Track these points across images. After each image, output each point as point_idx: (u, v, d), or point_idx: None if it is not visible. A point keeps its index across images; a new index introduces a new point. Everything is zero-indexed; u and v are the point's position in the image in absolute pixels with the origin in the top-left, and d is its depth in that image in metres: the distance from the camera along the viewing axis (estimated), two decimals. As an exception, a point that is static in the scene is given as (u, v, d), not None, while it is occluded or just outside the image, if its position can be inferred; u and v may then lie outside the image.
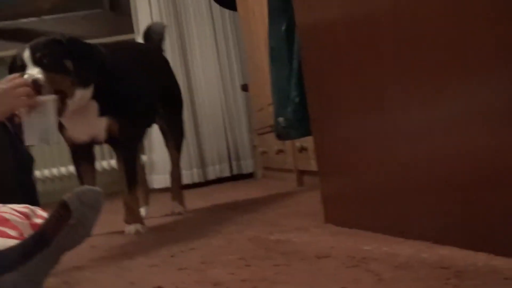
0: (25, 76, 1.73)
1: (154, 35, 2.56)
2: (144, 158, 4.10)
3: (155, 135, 3.87)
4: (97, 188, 1.19)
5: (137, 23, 4.12)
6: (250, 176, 4.11)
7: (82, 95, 1.86)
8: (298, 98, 1.70)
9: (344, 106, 1.40)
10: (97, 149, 2.21)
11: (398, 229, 1.19)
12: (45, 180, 4.26)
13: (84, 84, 1.87)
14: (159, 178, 4.09)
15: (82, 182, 2.04)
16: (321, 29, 1.48)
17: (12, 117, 2.99)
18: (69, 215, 1.12)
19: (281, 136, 1.85)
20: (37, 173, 4.02)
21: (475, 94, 0.93)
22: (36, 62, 1.79)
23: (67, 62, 1.83)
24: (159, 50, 2.54)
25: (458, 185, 1.00)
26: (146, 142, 4.18)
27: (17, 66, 1.82)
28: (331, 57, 1.43)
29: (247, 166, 4.18)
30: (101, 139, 2.02)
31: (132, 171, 2.01)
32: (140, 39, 2.72)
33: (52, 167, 4.25)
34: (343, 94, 1.39)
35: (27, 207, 1.67)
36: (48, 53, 1.81)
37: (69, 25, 4.40)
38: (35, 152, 1.97)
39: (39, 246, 1.10)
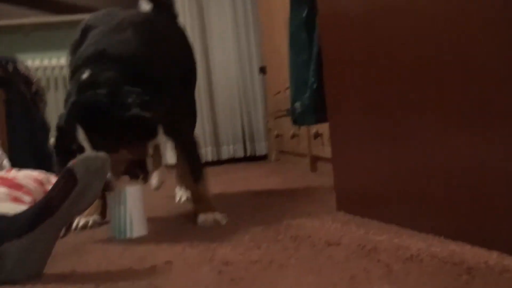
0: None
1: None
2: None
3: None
4: (102, 154, 1.18)
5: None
6: (263, 158, 4.12)
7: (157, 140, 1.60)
8: (315, 85, 1.69)
9: (361, 95, 1.39)
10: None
11: (410, 222, 1.19)
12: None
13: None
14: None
15: None
16: (341, 17, 1.46)
17: (29, 84, 3.02)
18: (75, 182, 1.12)
19: (296, 121, 1.84)
20: (52, 141, 4.05)
21: (491, 99, 0.92)
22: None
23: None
24: (171, 18, 2.10)
25: (471, 182, 0.99)
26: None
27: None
28: (349, 46, 1.42)
29: (261, 148, 4.19)
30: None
31: (195, 161, 1.77)
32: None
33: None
34: (360, 83, 1.38)
35: (42, 174, 1.69)
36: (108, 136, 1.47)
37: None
38: (51, 121, 1.88)
39: (44, 214, 1.11)
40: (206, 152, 4.08)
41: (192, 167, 1.76)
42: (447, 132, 1.06)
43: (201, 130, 4.06)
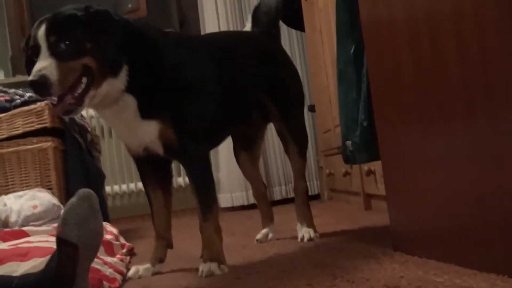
0: (33, 71, 1.41)
1: (262, 16, 2.07)
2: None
3: (223, 149, 3.91)
4: (83, 195, 1.11)
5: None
6: (316, 197, 4.08)
7: (108, 84, 1.49)
8: (366, 122, 1.68)
9: (411, 129, 1.36)
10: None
11: (470, 260, 1.15)
12: (114, 196, 4.38)
13: (110, 69, 1.49)
14: (226, 197, 4.12)
15: (150, 204, 1.74)
16: (388, 53, 1.46)
17: (84, 133, 3.10)
18: (76, 249, 1.07)
19: (348, 160, 1.82)
20: (107, 189, 4.14)
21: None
22: (51, 49, 1.44)
23: (87, 43, 1.45)
24: (265, 36, 2.05)
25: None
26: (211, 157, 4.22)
27: (31, 47, 1.49)
28: (398, 81, 1.41)
29: (313, 187, 4.16)
30: (158, 150, 1.60)
31: (205, 191, 1.60)
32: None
33: (122, 183, 4.35)
34: (409, 117, 1.36)
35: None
36: (65, 35, 1.44)
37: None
38: (105, 169, 1.89)
39: (66, 285, 1.08)
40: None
41: (200, 199, 1.59)
42: (503, 159, 1.02)
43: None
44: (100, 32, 1.47)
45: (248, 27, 2.15)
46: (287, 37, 4.20)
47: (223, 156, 4.03)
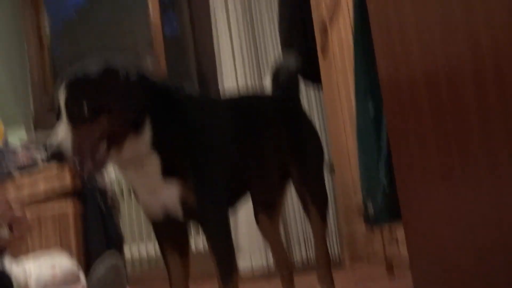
0: (51, 139, 1.42)
1: (282, 77, 2.10)
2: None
3: (241, 209, 3.88)
4: (109, 265, 1.07)
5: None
6: (336, 260, 4.00)
7: (134, 142, 1.49)
8: (387, 182, 1.65)
9: (433, 187, 1.34)
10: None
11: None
12: (133, 257, 4.33)
13: (131, 129, 1.48)
14: (245, 264, 4.04)
15: (168, 270, 1.69)
16: (408, 112, 1.45)
17: (104, 196, 3.10)
18: None
19: (369, 222, 1.79)
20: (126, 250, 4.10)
21: None
22: (68, 112, 1.43)
23: (102, 105, 1.44)
24: (285, 97, 2.07)
25: None
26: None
27: (56, 107, 1.48)
28: (418, 140, 1.39)
29: (333, 249, 4.08)
30: (178, 214, 1.59)
31: (225, 257, 1.57)
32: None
33: (141, 247, 4.31)
34: (431, 177, 1.34)
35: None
36: (80, 98, 1.43)
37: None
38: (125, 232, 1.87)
39: None
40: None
41: (219, 266, 1.55)
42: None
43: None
44: (115, 93, 1.45)
45: (267, 83, 2.17)
46: (305, 93, 4.23)
47: (242, 216, 4.00)
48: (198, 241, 4.10)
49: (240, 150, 1.74)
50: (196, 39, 4.72)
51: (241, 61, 4.27)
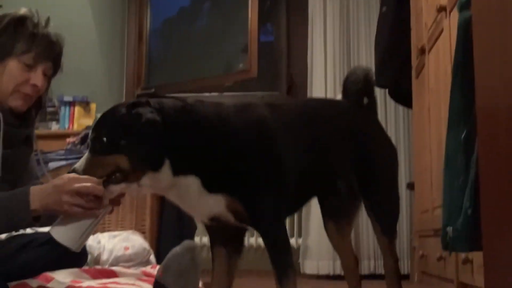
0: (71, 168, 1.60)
1: (351, 86, 2.10)
2: (297, 241, 4.13)
3: (314, 215, 3.90)
4: (188, 246, 1.10)
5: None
6: (405, 277, 3.96)
7: (150, 178, 1.56)
8: (471, 210, 1.63)
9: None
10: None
11: None
12: (202, 247, 4.45)
13: (147, 165, 1.55)
14: (312, 264, 4.08)
15: (213, 265, 1.67)
16: (502, 141, 1.43)
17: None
18: None
19: (447, 247, 1.77)
20: (197, 240, 4.20)
21: None
22: (91, 144, 1.60)
23: (121, 142, 1.55)
24: (353, 106, 2.05)
25: None
26: (299, 224, 4.20)
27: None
28: (510, 169, 1.37)
29: (404, 266, 4.03)
30: (227, 218, 1.62)
31: (282, 257, 1.59)
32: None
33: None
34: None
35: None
36: (102, 133, 1.58)
37: (245, 104, 4.71)
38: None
39: None
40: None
41: (276, 266, 1.56)
42: None
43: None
44: (134, 133, 1.54)
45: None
46: (393, 112, 4.20)
47: (314, 222, 4.02)
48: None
49: (293, 156, 1.73)
50: (290, 47, 4.76)
51: (333, 73, 4.28)
